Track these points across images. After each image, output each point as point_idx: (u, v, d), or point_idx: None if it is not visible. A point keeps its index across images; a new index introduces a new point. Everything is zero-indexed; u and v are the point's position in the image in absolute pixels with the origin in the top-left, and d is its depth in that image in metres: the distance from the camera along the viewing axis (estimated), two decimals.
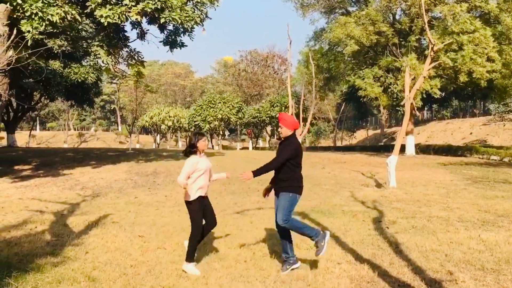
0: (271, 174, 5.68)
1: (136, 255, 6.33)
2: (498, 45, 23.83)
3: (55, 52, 27.66)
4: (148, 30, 18.65)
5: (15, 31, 12.36)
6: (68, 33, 15.28)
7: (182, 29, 17.51)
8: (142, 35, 18.48)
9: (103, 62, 15.38)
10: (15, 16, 13.34)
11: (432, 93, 24.67)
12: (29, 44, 13.02)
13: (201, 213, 5.71)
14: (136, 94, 36.53)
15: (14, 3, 13.07)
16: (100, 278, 5.25)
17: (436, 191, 12.96)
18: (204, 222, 5.78)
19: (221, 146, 50.91)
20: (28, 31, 12.95)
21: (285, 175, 5.54)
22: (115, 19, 14.25)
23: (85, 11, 14.67)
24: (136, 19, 14.89)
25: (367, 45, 26.82)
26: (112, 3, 14.31)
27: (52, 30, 14.33)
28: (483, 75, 23.03)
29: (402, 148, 28.93)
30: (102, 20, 14.18)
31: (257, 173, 5.29)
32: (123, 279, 5.23)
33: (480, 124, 44.52)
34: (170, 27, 18.20)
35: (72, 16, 14.04)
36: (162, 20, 15.25)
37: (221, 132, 48.30)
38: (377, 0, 27.39)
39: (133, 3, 14.31)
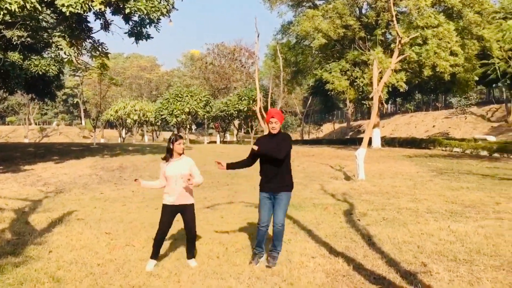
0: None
1: (103, 253, 6.05)
2: (460, 40, 24.47)
3: (14, 43, 26.66)
4: (112, 21, 18.07)
5: None
6: (28, 23, 14.56)
7: (148, 20, 17.03)
8: (106, 26, 17.87)
9: (65, 53, 14.74)
10: None
11: (398, 86, 25.08)
12: None
13: (166, 220, 5.52)
14: (100, 87, 35.41)
15: None
16: (65, 278, 4.98)
17: (403, 183, 13.14)
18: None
19: (188, 140, 50.33)
20: None
21: (287, 172, 5.53)
22: (77, 9, 13.67)
23: (46, 0, 14.02)
24: (99, 9, 14.34)
25: (335, 39, 26.96)
26: None
27: (10, 19, 13.61)
28: (447, 69, 23.58)
29: (369, 141, 29.38)
30: (64, 9, 13.57)
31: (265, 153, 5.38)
32: (90, 278, 4.98)
33: (443, 117, 45.73)
34: (136, 18, 17.67)
35: (32, 5, 13.37)
36: (127, 11, 14.75)
37: (188, 126, 47.69)
38: None
39: None
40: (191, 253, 5.59)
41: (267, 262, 5.43)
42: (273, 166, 5.43)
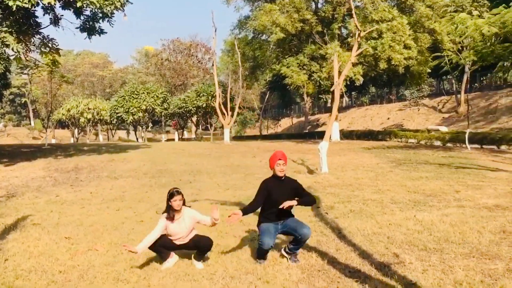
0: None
1: (64, 259, 5.71)
2: (413, 33, 25.10)
3: None
4: (62, 15, 17.26)
5: None
6: None
7: (100, 14, 16.37)
8: (55, 21, 17.04)
9: (12, 50, 13.91)
10: None
11: (355, 79, 25.46)
12: None
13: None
14: (50, 85, 33.86)
15: None
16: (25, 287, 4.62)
17: (365, 175, 13.29)
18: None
19: (146, 138, 49.28)
20: None
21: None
22: (25, 3, 12.94)
23: None
24: (48, 3, 13.64)
25: (292, 33, 27.00)
26: None
27: None
28: (401, 62, 24.16)
29: None
30: (11, 3, 12.81)
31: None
32: (52, 287, 4.64)
33: (396, 109, 46.93)
34: (88, 12, 16.99)
35: None
36: (78, 4, 14.09)
37: (145, 124, 46.65)
38: None
39: None
40: (200, 257, 5.36)
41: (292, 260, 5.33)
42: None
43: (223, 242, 6.37)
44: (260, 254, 5.29)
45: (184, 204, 5.37)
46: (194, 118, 48.19)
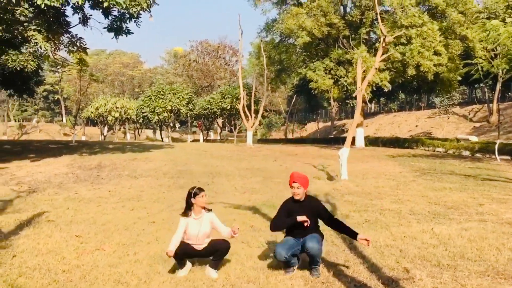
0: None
1: (71, 258, 5.71)
2: (444, 39, 24.50)
3: None
4: (91, 15, 17.59)
5: None
6: (2, 16, 14.00)
7: (127, 15, 16.59)
8: (84, 21, 17.37)
9: (40, 48, 14.23)
10: None
11: (382, 85, 25.03)
12: None
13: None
14: (80, 83, 34.65)
15: None
16: (26, 286, 4.65)
17: (386, 183, 12.98)
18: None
19: (171, 138, 49.78)
20: None
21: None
22: (53, 2, 13.19)
23: None
24: (77, 2, 13.88)
25: (319, 37, 26.78)
26: None
27: None
28: (430, 68, 23.60)
29: (352, 141, 29.32)
30: (39, 2, 13.09)
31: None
32: (53, 286, 4.64)
33: (425, 117, 45.96)
34: (115, 13, 17.24)
35: None
36: (105, 4, 14.30)
37: (171, 124, 47.13)
38: None
39: None
40: (216, 264, 5.19)
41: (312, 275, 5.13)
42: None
43: (232, 247, 6.25)
44: (284, 264, 5.17)
45: (204, 207, 5.24)
46: (220, 120, 48.41)
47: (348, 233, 5.26)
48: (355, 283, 4.78)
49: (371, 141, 33.38)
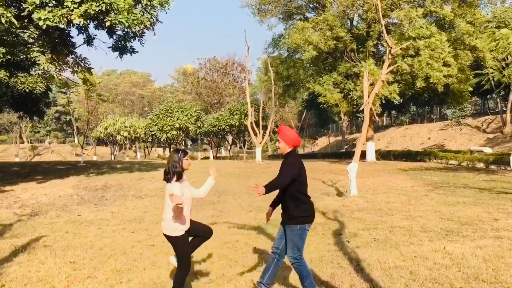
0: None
1: (60, 287, 5.41)
2: (453, 50, 24.11)
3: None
4: (95, 35, 17.64)
5: None
6: (5, 38, 14.02)
7: (131, 34, 16.55)
8: (89, 41, 17.37)
9: (43, 69, 14.20)
10: None
11: (391, 98, 24.64)
12: None
13: (188, 245, 4.83)
14: (87, 103, 34.86)
15: None
16: None
17: (397, 199, 12.55)
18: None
19: None
20: None
21: (292, 202, 4.70)
22: (55, 22, 13.16)
23: (22, 14, 13.51)
24: (79, 22, 13.84)
25: (325, 51, 26.55)
26: (52, 5, 13.21)
27: None
28: (440, 79, 23.18)
29: (363, 155, 28.82)
30: (41, 23, 13.06)
31: (267, 188, 4.36)
32: None
33: (438, 129, 45.32)
34: (119, 32, 17.22)
35: (8, 19, 12.88)
36: (108, 23, 14.22)
37: (179, 142, 47.00)
38: (334, 5, 27.23)
39: (75, 6, 13.25)
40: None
41: None
42: (281, 195, 4.78)
43: (231, 271, 5.93)
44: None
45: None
46: (230, 137, 48.26)
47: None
48: None
49: (383, 155, 32.84)
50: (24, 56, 15.36)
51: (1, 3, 12.92)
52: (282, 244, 4.75)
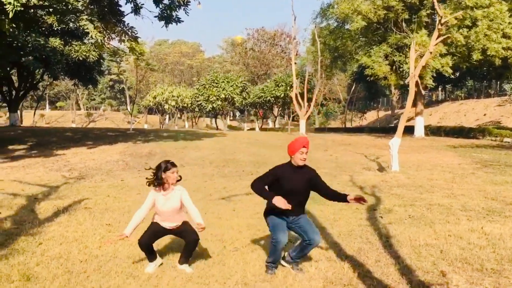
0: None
1: (93, 247, 5.68)
2: None
3: (55, 29, 27.03)
4: (143, 4, 17.75)
5: None
6: (55, 6, 14.43)
7: (177, 3, 16.60)
8: (136, 10, 17.58)
9: (91, 37, 14.55)
10: None
11: (443, 71, 23.52)
12: (10, 17, 12.26)
13: (153, 235, 4.97)
14: (136, 72, 35.64)
15: None
16: (38, 276, 4.59)
17: (441, 176, 12.13)
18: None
19: (229, 126, 50.13)
20: (9, 3, 12.16)
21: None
22: None
23: None
24: None
25: (375, 21, 25.53)
26: None
27: (36, 2, 13.51)
28: (498, 52, 21.83)
29: (411, 130, 27.91)
30: None
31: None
32: (64, 278, 4.56)
33: (495, 105, 42.96)
34: (166, 1, 17.30)
35: None
36: None
37: (225, 112, 47.28)
38: None
39: None
40: (185, 259, 4.91)
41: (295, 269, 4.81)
42: (300, 199, 4.81)
43: (257, 241, 5.96)
44: (274, 257, 4.67)
45: (180, 179, 4.93)
46: (275, 108, 48.02)
47: (342, 200, 4.71)
48: (381, 286, 4.33)
49: (433, 131, 31.66)
50: (74, 25, 15.74)
51: None
52: (300, 234, 4.72)
